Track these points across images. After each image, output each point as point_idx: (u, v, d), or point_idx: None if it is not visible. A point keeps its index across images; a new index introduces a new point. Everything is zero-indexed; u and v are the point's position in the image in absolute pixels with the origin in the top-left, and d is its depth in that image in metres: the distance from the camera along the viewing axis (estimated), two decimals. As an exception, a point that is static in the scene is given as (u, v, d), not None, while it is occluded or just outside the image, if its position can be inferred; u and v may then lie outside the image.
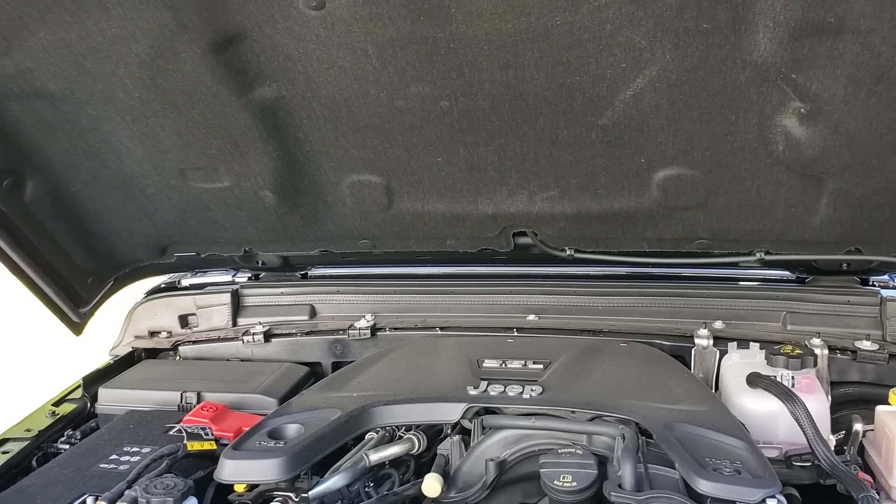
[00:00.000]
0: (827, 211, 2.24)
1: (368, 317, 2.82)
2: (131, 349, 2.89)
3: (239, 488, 2.04)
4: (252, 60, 2.02)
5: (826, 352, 2.41)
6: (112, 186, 2.46)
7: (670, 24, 1.81)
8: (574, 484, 1.79)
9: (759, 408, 2.11)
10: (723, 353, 2.50)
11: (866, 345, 2.47)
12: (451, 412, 2.04)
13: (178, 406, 2.48)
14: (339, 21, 1.89)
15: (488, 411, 2.05)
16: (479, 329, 2.71)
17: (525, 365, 2.24)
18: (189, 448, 2.10)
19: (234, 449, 1.89)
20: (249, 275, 3.09)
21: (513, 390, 2.06)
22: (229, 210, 2.53)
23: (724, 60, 1.87)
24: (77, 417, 2.54)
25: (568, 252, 2.58)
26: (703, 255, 2.55)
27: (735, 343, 2.49)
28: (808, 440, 1.91)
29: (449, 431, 2.31)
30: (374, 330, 2.78)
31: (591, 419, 1.98)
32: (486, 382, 2.10)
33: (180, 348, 2.90)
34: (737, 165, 2.17)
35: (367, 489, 2.16)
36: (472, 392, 2.07)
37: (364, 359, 2.45)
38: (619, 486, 1.73)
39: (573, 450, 1.86)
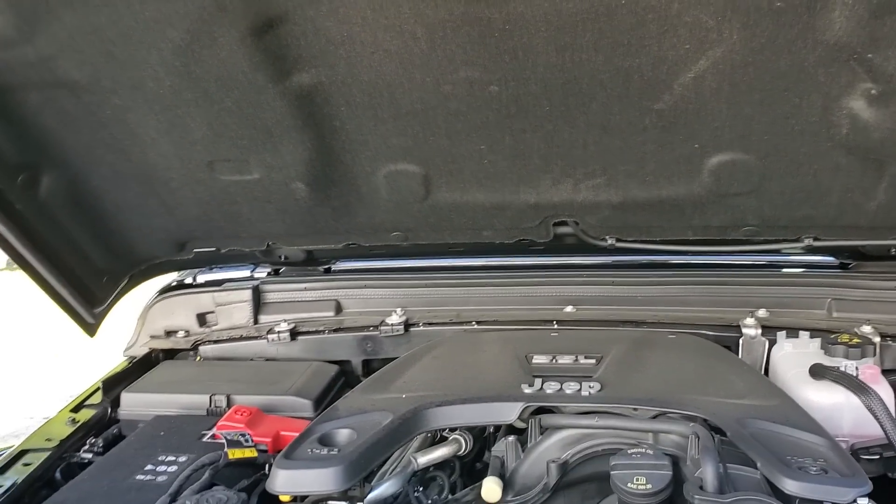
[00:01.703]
0: (886, 195, 2.16)
1: (399, 312, 2.71)
2: (148, 350, 2.77)
3: (285, 498, 1.95)
4: (292, 45, 1.90)
5: (878, 339, 2.35)
6: (134, 181, 2.33)
7: (741, 2, 1.72)
8: (649, 486, 1.70)
9: (824, 400, 2.04)
10: (771, 343, 2.44)
11: (916, 333, 2.42)
12: (507, 412, 1.94)
13: (207, 410, 2.37)
14: (388, 1, 1.78)
15: (544, 410, 1.96)
16: (516, 322, 2.61)
17: (576, 360, 2.15)
18: (230, 456, 2.00)
19: (287, 458, 1.79)
20: (269, 270, 2.97)
21: (570, 388, 1.97)
22: (257, 203, 2.41)
23: (793, 41, 1.78)
24: (98, 424, 2.42)
25: (609, 241, 2.49)
26: (750, 242, 2.47)
27: (784, 332, 2.42)
28: (887, 434, 1.85)
29: (491, 430, 2.25)
30: (408, 326, 2.67)
31: (655, 416, 1.90)
32: (539, 379, 2.01)
33: (200, 348, 2.78)
34: (795, 150, 2.08)
35: (416, 494, 2.08)
36: (528, 390, 1.97)
37: (405, 357, 2.35)
38: (701, 487, 1.65)
39: (643, 450, 1.78)
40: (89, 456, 2.27)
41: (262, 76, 1.96)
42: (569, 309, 2.66)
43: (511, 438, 2.00)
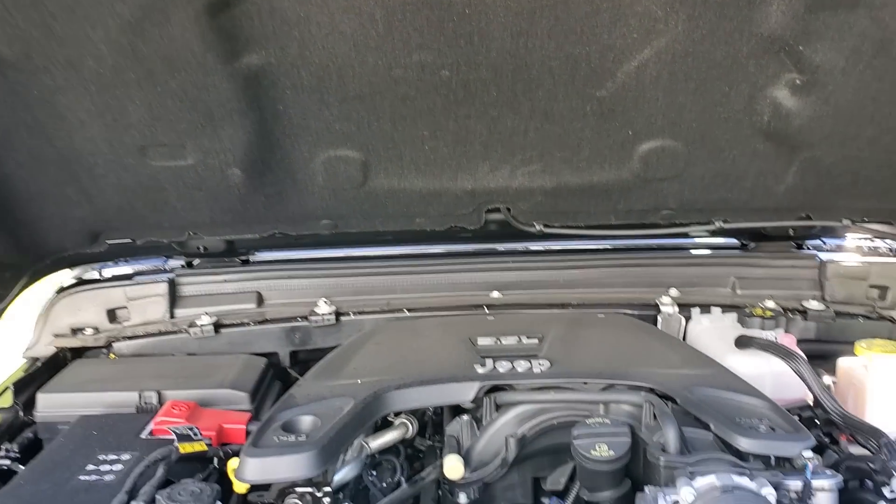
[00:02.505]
0: (794, 179, 2.36)
1: (327, 301, 2.68)
2: (55, 349, 2.59)
3: (241, 489, 1.90)
4: (246, 24, 1.84)
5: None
6: (53, 166, 2.17)
7: (690, -8, 1.84)
8: (611, 453, 1.79)
9: (747, 368, 2.21)
10: (687, 319, 2.60)
11: (814, 304, 2.65)
12: (465, 392, 1.98)
13: (137, 407, 2.25)
14: (348, -18, 1.78)
15: (496, 389, 2.01)
16: (446, 308, 2.64)
17: (520, 340, 2.22)
18: (181, 450, 1.92)
19: (254, 446, 1.74)
20: (183, 262, 2.85)
21: (520, 366, 2.04)
22: (186, 190, 2.31)
23: (731, 32, 1.91)
24: (10, 429, 2.25)
25: (537, 228, 2.57)
26: (665, 225, 2.62)
27: (698, 308, 2.59)
28: (815, 395, 2.02)
29: (430, 413, 2.28)
30: (338, 315, 2.65)
31: (605, 388, 1.99)
32: (490, 360, 2.06)
33: (114, 345, 2.63)
34: (719, 136, 2.24)
35: (371, 478, 2.08)
36: (481, 370, 2.02)
37: (347, 345, 2.33)
38: (663, 450, 1.75)
39: (601, 420, 1.86)
40: (7, 462, 2.12)
41: (213, 57, 1.89)
42: (495, 294, 2.73)
43: (465, 417, 2.04)
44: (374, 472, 2.13)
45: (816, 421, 2.11)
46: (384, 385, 1.96)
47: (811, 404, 2.19)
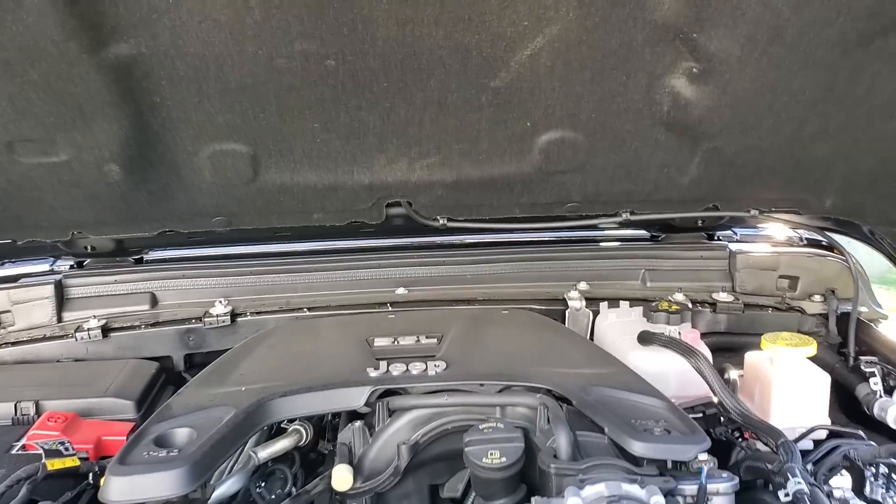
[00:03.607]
0: (698, 170, 2.32)
1: (223, 302, 2.56)
2: (-70, 358, 2.44)
3: (117, 507, 1.78)
4: (110, 11, 1.71)
5: (690, 305, 2.53)
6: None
7: (578, -20, 1.77)
8: (503, 459, 1.72)
9: (652, 365, 2.16)
10: (595, 313, 2.55)
11: (723, 296, 2.62)
12: (355, 398, 1.88)
13: (13, 419, 2.12)
14: (218, -34, 1.66)
15: (391, 392, 1.93)
16: (348, 306, 2.56)
17: (418, 341, 2.14)
18: (49, 467, 1.79)
19: (121, 463, 1.62)
20: (72, 262, 2.70)
21: (416, 368, 1.95)
22: (63, 188, 2.17)
23: (625, 20, 1.84)
24: None
25: (441, 222, 2.48)
26: (572, 218, 2.56)
27: (606, 303, 2.54)
28: (715, 392, 1.98)
29: (329, 418, 2.19)
30: (234, 316, 2.53)
31: (501, 390, 1.92)
32: (384, 362, 1.98)
33: (-4, 352, 2.48)
34: (619, 127, 2.17)
35: (259, 490, 1.98)
36: (374, 374, 1.93)
37: (238, 348, 2.22)
38: (555, 455, 1.69)
39: (495, 424, 1.79)
40: None
41: (76, 46, 1.76)
42: (400, 291, 2.64)
43: (357, 424, 1.95)
44: (263, 484, 2.03)
45: (720, 418, 2.08)
46: (268, 392, 1.85)
47: (715, 401, 2.16)
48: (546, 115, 2.13)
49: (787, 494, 1.65)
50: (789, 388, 2.12)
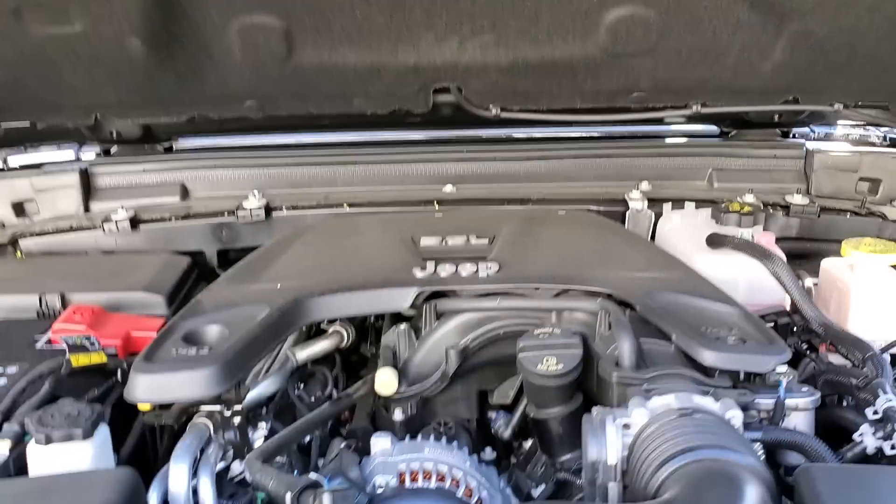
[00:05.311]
0: (782, 55, 2.07)
1: (257, 195, 2.40)
2: (-48, 247, 2.33)
3: (144, 407, 1.67)
4: None
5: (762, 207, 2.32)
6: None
7: None
8: (560, 367, 1.57)
9: (719, 270, 1.97)
10: (658, 216, 2.36)
11: (797, 199, 2.40)
12: (399, 299, 1.73)
13: (38, 312, 1.99)
14: None
15: (438, 295, 1.77)
16: (392, 203, 2.38)
17: (468, 241, 1.97)
18: (74, 363, 1.68)
19: (147, 360, 1.50)
20: (98, 150, 2.55)
21: (466, 269, 1.79)
22: (82, 64, 1.99)
23: None
24: None
25: (494, 111, 2.27)
26: (637, 110, 2.33)
27: (669, 204, 2.34)
28: (794, 301, 1.80)
29: (371, 320, 2.06)
30: (269, 210, 2.37)
31: (557, 295, 1.76)
32: (431, 263, 1.81)
33: (21, 242, 2.35)
34: (696, 3, 1.94)
35: (297, 392, 1.86)
36: (420, 275, 1.77)
37: (272, 244, 2.07)
38: (617, 364, 1.53)
39: (551, 330, 1.63)
40: None
41: None
42: (448, 188, 2.46)
43: (403, 327, 1.82)
44: (302, 386, 1.91)
45: (794, 328, 1.90)
46: (306, 291, 1.71)
47: (788, 310, 1.98)
48: (615, -12, 1.90)
49: (875, 412, 1.49)
50: (871, 297, 1.92)
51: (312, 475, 1.25)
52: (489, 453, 1.79)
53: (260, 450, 1.41)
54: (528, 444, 1.86)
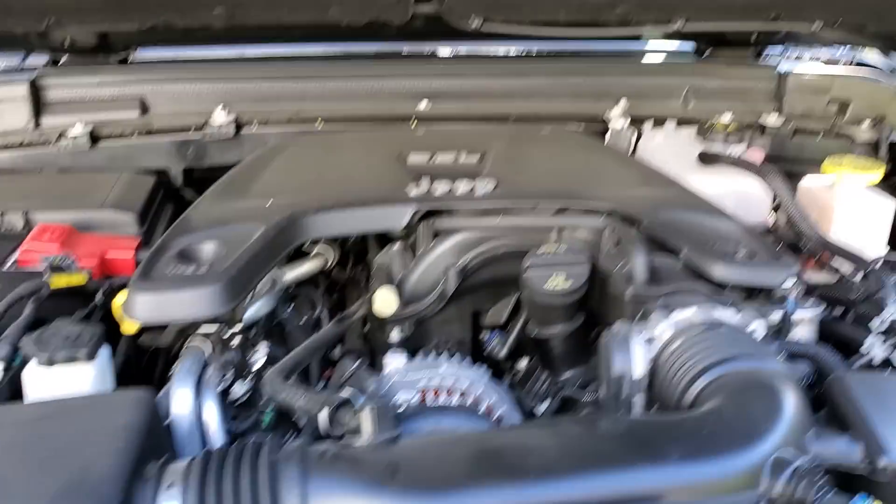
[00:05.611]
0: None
1: (224, 110, 2.27)
2: None
3: (130, 329, 1.58)
4: None
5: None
6: None
7: None
8: (569, 284, 1.56)
9: (709, 188, 1.97)
10: (638, 135, 2.33)
11: (772, 119, 2.42)
12: (396, 217, 1.67)
13: (-1, 233, 1.87)
14: None
15: (431, 213, 1.71)
16: (367, 119, 2.28)
17: (457, 159, 1.91)
18: (52, 285, 1.57)
19: (144, 279, 1.41)
20: (46, 60, 2.35)
21: (462, 187, 1.73)
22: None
23: None
24: None
25: (475, 22, 2.18)
26: (617, 25, 2.28)
27: (650, 122, 2.33)
28: (792, 217, 1.81)
29: (352, 241, 2.00)
30: (239, 126, 2.25)
31: (558, 212, 1.72)
32: (425, 180, 1.75)
33: (-34, 159, 2.18)
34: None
35: (286, 315, 1.80)
36: (415, 192, 1.71)
37: (251, 161, 1.97)
38: (629, 280, 1.52)
39: (556, 247, 1.60)
40: None
41: None
42: (423, 105, 2.37)
43: (397, 246, 1.76)
44: (291, 307, 1.85)
45: (778, 246, 1.92)
46: (300, 208, 1.63)
47: (770, 227, 2.00)
48: None
49: (882, 322, 1.53)
50: (852, 215, 1.96)
51: (344, 392, 1.20)
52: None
53: (279, 368, 1.35)
54: (521, 363, 1.86)
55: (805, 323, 1.55)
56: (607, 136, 2.32)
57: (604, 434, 1.09)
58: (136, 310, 1.37)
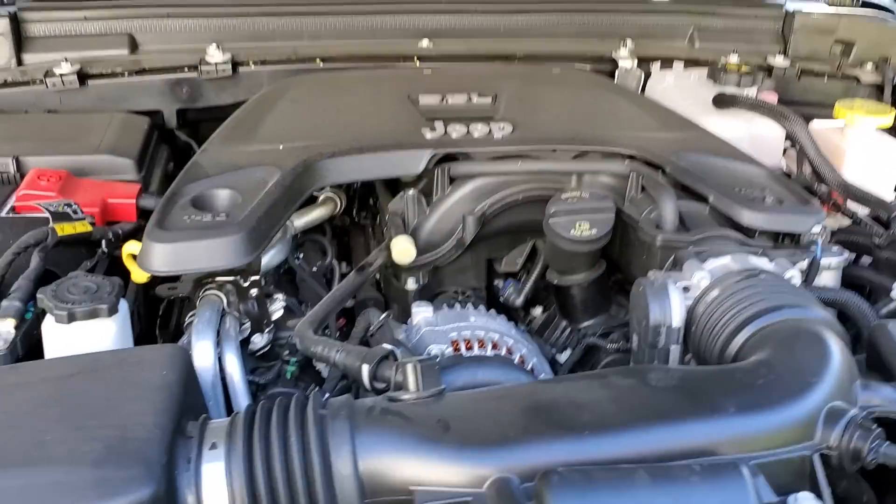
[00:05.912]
0: None
1: (218, 47, 2.17)
2: None
3: (140, 279, 1.52)
4: None
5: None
6: None
7: None
8: (594, 231, 1.52)
9: (725, 130, 1.93)
10: (647, 75, 2.28)
11: (779, 60, 2.38)
12: (412, 162, 1.59)
13: (-11, 178, 1.77)
14: None
15: (447, 158, 1.65)
16: (367, 59, 2.20)
17: (469, 100, 1.84)
18: (58, 233, 1.49)
19: (161, 228, 1.34)
20: (27, -7, 2.22)
21: (478, 130, 1.67)
22: None
23: None
24: None
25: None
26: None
27: (658, 63, 2.27)
28: (813, 161, 1.79)
29: (357, 187, 1.94)
30: (235, 65, 2.15)
31: (578, 156, 1.67)
32: (440, 123, 1.69)
33: (-56, 100, 2.06)
34: None
35: (297, 262, 1.75)
36: (430, 136, 1.64)
37: (255, 102, 1.89)
38: (657, 226, 1.48)
39: (579, 193, 1.56)
40: None
41: None
42: (424, 42, 2.28)
43: (411, 192, 1.69)
44: (301, 256, 1.80)
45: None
46: (314, 153, 1.56)
47: (785, 171, 1.98)
48: None
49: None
50: (864, 158, 1.94)
51: (385, 345, 1.16)
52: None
53: (308, 320, 1.30)
54: (535, 311, 1.83)
55: (831, 269, 1.53)
56: (616, 75, 2.27)
57: (657, 387, 1.07)
58: (153, 261, 1.30)
